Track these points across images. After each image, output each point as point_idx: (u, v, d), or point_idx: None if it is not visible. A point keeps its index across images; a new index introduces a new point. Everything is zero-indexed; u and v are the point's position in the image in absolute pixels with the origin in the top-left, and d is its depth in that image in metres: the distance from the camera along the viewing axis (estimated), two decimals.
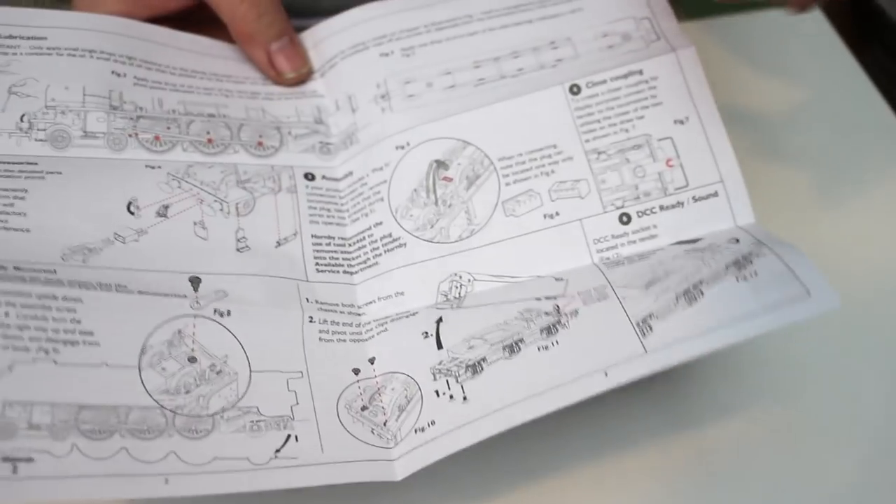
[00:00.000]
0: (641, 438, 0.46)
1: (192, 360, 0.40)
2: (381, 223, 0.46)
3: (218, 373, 0.41)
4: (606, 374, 0.39)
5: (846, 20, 0.75)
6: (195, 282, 0.42)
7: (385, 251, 0.46)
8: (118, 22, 0.47)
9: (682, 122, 0.46)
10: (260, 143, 0.48)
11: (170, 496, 0.37)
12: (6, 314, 0.38)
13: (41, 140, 0.44)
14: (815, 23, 0.65)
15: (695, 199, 0.45)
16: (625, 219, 0.45)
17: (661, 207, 0.45)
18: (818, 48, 0.64)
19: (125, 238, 0.43)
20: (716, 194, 0.45)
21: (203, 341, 0.41)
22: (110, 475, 0.37)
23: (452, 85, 0.48)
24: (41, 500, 0.36)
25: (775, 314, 0.39)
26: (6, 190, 0.42)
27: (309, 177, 0.48)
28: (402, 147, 0.47)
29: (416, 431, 0.41)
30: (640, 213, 0.45)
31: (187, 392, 0.40)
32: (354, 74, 0.49)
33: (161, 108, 0.47)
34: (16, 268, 0.40)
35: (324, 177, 0.48)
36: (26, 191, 0.42)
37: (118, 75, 0.46)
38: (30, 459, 0.36)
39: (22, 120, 0.44)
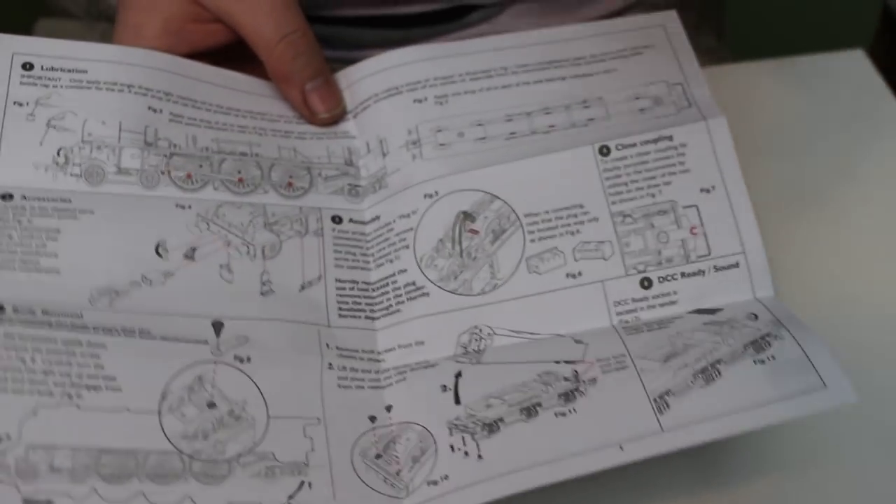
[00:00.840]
0: (673, 492, 0.46)
1: (212, 405, 0.41)
2: (405, 270, 0.47)
3: (236, 418, 0.41)
4: (622, 449, 0.40)
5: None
6: (217, 327, 0.43)
7: (408, 299, 0.46)
8: (158, 57, 0.48)
9: (708, 191, 0.46)
10: (290, 184, 0.48)
11: None
12: (32, 360, 0.39)
13: (76, 175, 0.45)
14: (861, 67, 0.64)
15: (716, 269, 0.45)
16: (646, 283, 0.45)
17: (683, 274, 0.46)
18: (862, 93, 0.63)
19: (152, 281, 0.44)
20: (737, 265, 0.45)
21: (223, 387, 0.42)
22: None
23: (483, 137, 0.48)
24: None
25: (791, 404, 0.39)
26: (40, 230, 0.43)
27: (336, 219, 0.48)
28: (431, 196, 0.47)
29: (428, 484, 0.41)
30: (661, 279, 0.46)
31: (205, 437, 0.40)
32: (387, 118, 0.50)
33: (195, 145, 0.47)
34: (44, 312, 0.41)
35: (351, 220, 0.49)
36: (59, 231, 0.43)
37: (154, 111, 0.47)
38: (50, 502, 0.37)
39: (58, 154, 0.45)
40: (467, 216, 0.47)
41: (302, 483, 0.41)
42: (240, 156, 0.48)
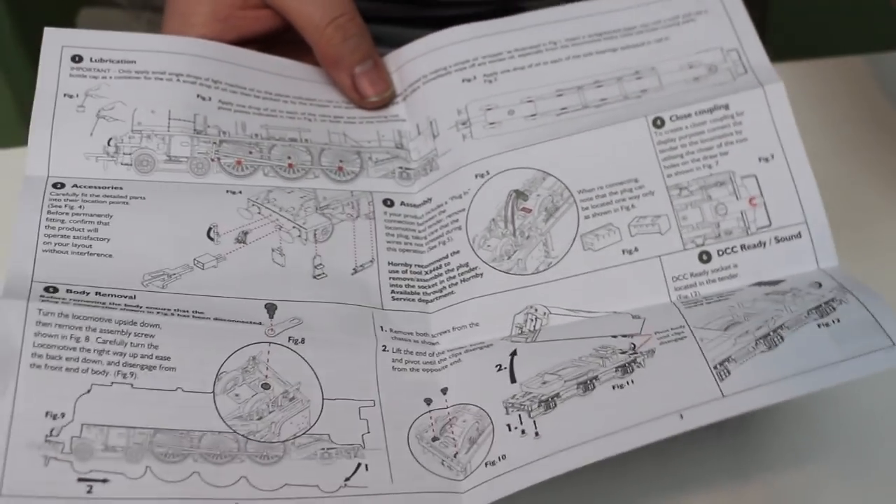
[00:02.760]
0: (712, 481, 0.45)
1: (266, 386, 0.41)
2: (458, 252, 0.46)
3: (291, 400, 0.41)
4: (682, 417, 0.38)
5: None
6: (271, 309, 0.43)
7: (461, 280, 0.46)
8: (205, 45, 0.48)
9: (767, 160, 0.45)
10: (340, 168, 0.48)
11: None
12: (87, 338, 0.39)
13: (127, 164, 0.45)
14: None
15: (777, 240, 0.44)
16: (705, 257, 0.44)
17: (743, 247, 0.44)
18: None
19: (204, 264, 0.44)
20: (799, 235, 0.44)
21: (277, 368, 0.41)
22: (182, 498, 0.37)
23: (534, 114, 0.48)
24: None
25: (857, 363, 0.38)
26: (92, 215, 0.43)
27: (388, 203, 0.48)
28: (482, 175, 0.47)
29: (486, 465, 0.41)
30: (720, 252, 0.44)
31: (259, 418, 0.40)
32: (436, 99, 0.49)
33: (244, 132, 0.47)
34: (97, 293, 0.41)
35: (402, 203, 0.48)
36: (111, 216, 0.43)
37: (203, 99, 0.47)
38: (105, 481, 0.37)
39: (109, 144, 0.45)
40: (519, 195, 0.46)
41: (359, 465, 0.40)
42: (289, 141, 0.48)
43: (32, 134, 0.45)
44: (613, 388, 0.41)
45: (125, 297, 0.41)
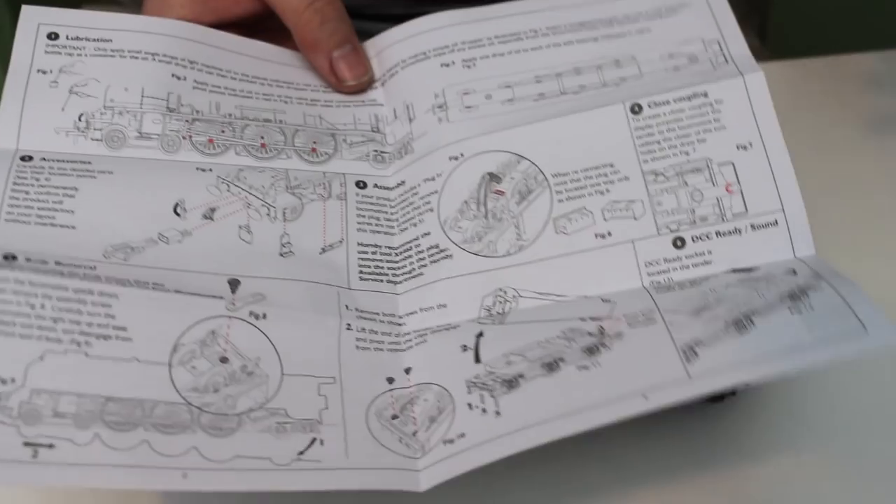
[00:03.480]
0: (677, 473, 0.44)
1: (224, 360, 0.40)
2: (428, 233, 0.46)
3: (249, 374, 0.40)
4: (646, 397, 0.37)
5: None
6: (234, 284, 0.42)
7: (431, 262, 0.45)
8: (182, 26, 0.48)
9: (745, 148, 0.44)
10: (314, 150, 0.47)
11: (187, 490, 0.37)
12: (42, 306, 0.38)
13: (97, 140, 0.45)
14: None
15: (753, 227, 0.43)
16: (679, 243, 0.43)
17: (718, 234, 0.43)
18: None
19: (169, 239, 0.43)
20: (775, 223, 0.43)
21: (236, 342, 0.41)
22: (129, 465, 0.36)
23: (511, 98, 0.47)
24: (57, 485, 0.36)
25: (828, 348, 0.37)
26: (57, 188, 0.43)
27: (360, 185, 0.47)
28: (456, 158, 0.46)
29: (444, 443, 0.40)
30: (694, 238, 0.44)
31: (216, 391, 0.39)
32: (413, 84, 0.49)
33: (218, 112, 0.47)
34: (57, 262, 0.40)
35: (376, 185, 0.48)
36: (76, 189, 0.43)
37: (178, 78, 0.47)
38: (51, 446, 0.36)
39: (80, 119, 0.45)
40: (493, 177, 0.46)
41: (314, 440, 0.39)
42: (263, 122, 0.48)
43: (3, 107, 0.45)
44: (578, 368, 0.40)
45: (85, 266, 0.40)
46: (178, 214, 0.44)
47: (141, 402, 0.38)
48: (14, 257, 0.40)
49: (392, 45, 0.50)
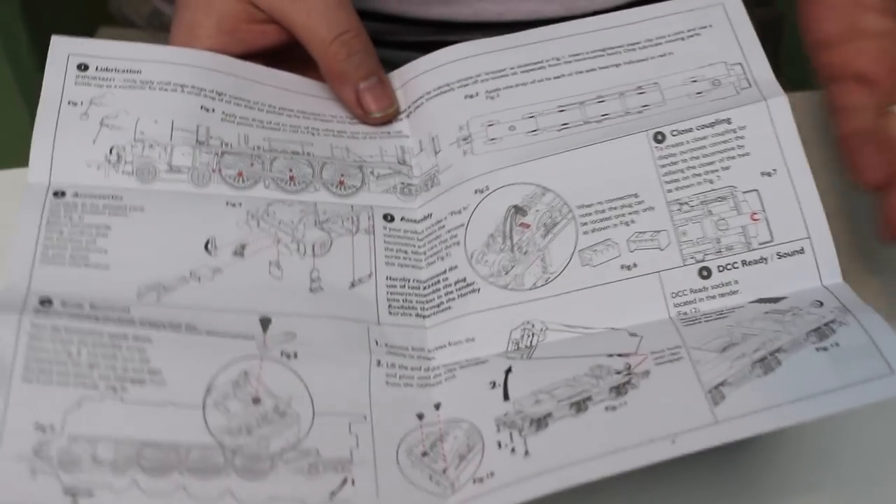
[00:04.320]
0: None
1: (257, 400, 0.41)
2: (456, 267, 0.46)
3: (281, 414, 0.41)
4: (674, 442, 0.38)
5: None
6: (265, 323, 0.43)
7: (458, 296, 0.45)
8: (211, 57, 0.48)
9: (769, 175, 0.44)
10: (341, 183, 0.48)
11: None
12: (78, 353, 0.39)
13: (128, 173, 0.45)
14: None
15: (779, 256, 0.43)
16: (705, 273, 0.44)
17: (744, 262, 0.44)
18: None
19: (200, 277, 0.43)
20: (802, 251, 0.43)
21: (268, 383, 0.41)
22: None
23: (535, 130, 0.47)
24: None
25: (855, 391, 0.37)
26: (90, 226, 0.43)
27: (388, 218, 0.48)
28: (481, 191, 0.47)
29: (474, 482, 0.40)
30: (720, 268, 0.44)
31: (249, 432, 0.40)
32: (439, 116, 0.49)
33: (247, 144, 0.47)
34: (91, 306, 0.41)
35: (403, 218, 0.48)
36: (109, 227, 0.43)
37: (207, 110, 0.47)
38: (90, 494, 0.37)
39: (111, 153, 0.45)
40: (518, 210, 0.46)
41: (345, 480, 0.40)
42: (291, 154, 0.48)
43: (35, 141, 0.45)
44: (606, 409, 0.40)
45: (119, 310, 0.41)
46: (208, 252, 0.44)
47: (176, 446, 0.39)
48: (50, 302, 0.40)
49: (417, 76, 0.50)
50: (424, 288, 0.46)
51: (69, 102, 0.46)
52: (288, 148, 0.48)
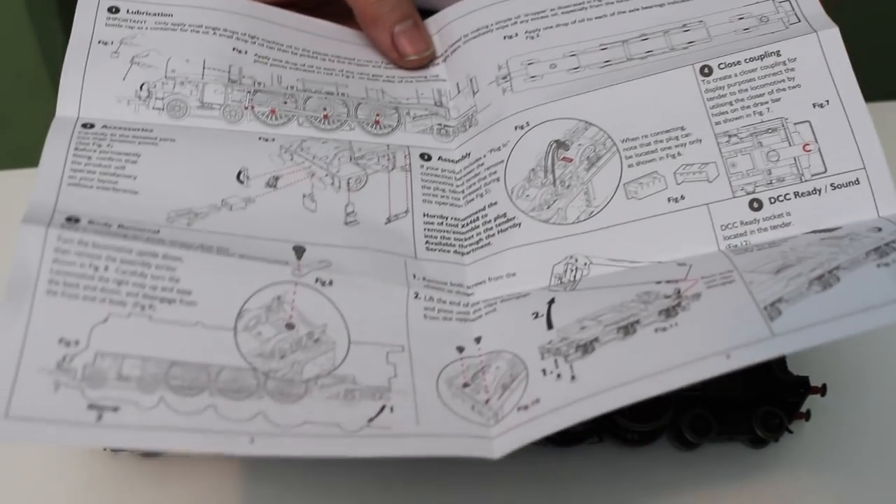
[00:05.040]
0: None
1: (290, 326, 0.39)
2: (495, 203, 0.44)
3: (315, 341, 0.39)
4: (728, 357, 0.36)
5: None
6: (299, 250, 0.41)
7: (498, 231, 0.44)
8: (242, 3, 0.48)
9: (821, 106, 0.43)
10: (377, 122, 0.47)
11: (254, 455, 0.36)
12: (105, 268, 0.38)
13: (158, 109, 0.44)
14: None
15: (833, 187, 0.42)
16: (755, 205, 0.42)
17: (797, 194, 0.42)
18: None
19: (232, 205, 0.42)
20: (857, 182, 0.41)
21: (302, 309, 0.40)
22: (195, 430, 0.36)
23: (577, 67, 0.46)
24: (121, 447, 0.35)
25: None
26: (119, 154, 0.42)
27: (425, 157, 0.46)
28: (522, 127, 0.45)
29: (518, 409, 0.38)
30: (772, 200, 0.42)
31: (282, 357, 0.38)
32: (476, 56, 0.48)
33: (280, 84, 0.46)
34: (120, 226, 0.40)
35: (440, 157, 0.47)
36: (139, 155, 0.42)
37: (239, 52, 0.47)
38: (115, 409, 0.35)
39: (141, 88, 0.45)
40: (560, 145, 0.44)
41: (383, 407, 0.38)
42: (326, 94, 0.47)
43: (64, 77, 0.44)
44: (656, 330, 0.38)
45: (148, 230, 0.40)
46: (241, 182, 0.43)
47: (206, 366, 0.37)
48: (77, 220, 0.39)
49: (453, 20, 0.50)
50: (463, 226, 0.45)
51: (99, 42, 0.45)
52: (322, 89, 0.47)
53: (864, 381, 0.48)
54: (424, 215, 0.45)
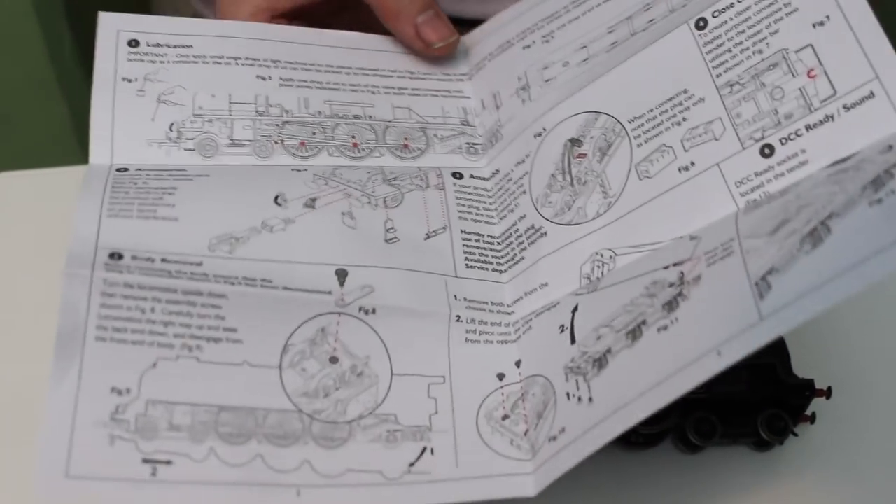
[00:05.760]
0: None
1: (334, 360, 0.40)
2: (524, 216, 0.45)
3: (359, 375, 0.40)
4: (720, 354, 0.35)
5: None
6: (341, 275, 0.42)
7: (529, 244, 0.44)
8: (260, 28, 0.49)
9: (822, 24, 0.40)
10: (406, 146, 0.48)
11: None
12: (152, 310, 0.38)
13: (189, 150, 0.45)
14: None
15: (846, 108, 0.39)
16: (766, 151, 0.40)
17: (808, 127, 0.39)
18: None
19: (273, 227, 0.42)
20: (871, 95, 0.38)
21: (346, 340, 0.40)
22: (245, 483, 0.36)
23: (586, 58, 0.46)
24: None
25: None
26: (156, 188, 0.42)
27: (457, 175, 0.47)
28: (539, 134, 0.46)
29: (549, 441, 0.38)
30: (783, 141, 0.40)
31: (326, 395, 0.39)
32: (499, 72, 0.49)
33: (307, 109, 0.47)
34: (163, 260, 0.40)
35: (472, 175, 0.47)
36: (175, 188, 0.43)
37: (263, 79, 0.47)
38: (169, 462, 0.36)
39: (171, 129, 0.45)
40: (574, 142, 0.45)
41: (424, 449, 0.39)
42: (353, 119, 0.47)
43: (93, 120, 0.44)
44: (658, 330, 0.37)
45: (192, 263, 0.40)
46: (278, 204, 0.43)
47: (253, 410, 0.38)
48: (120, 256, 0.39)
49: (481, 40, 0.51)
50: (499, 243, 0.45)
51: (123, 79, 0.45)
52: (349, 112, 0.48)
53: (869, 383, 0.47)
54: (462, 232, 0.45)
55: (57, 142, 0.93)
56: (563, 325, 0.41)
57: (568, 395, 0.39)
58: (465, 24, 0.53)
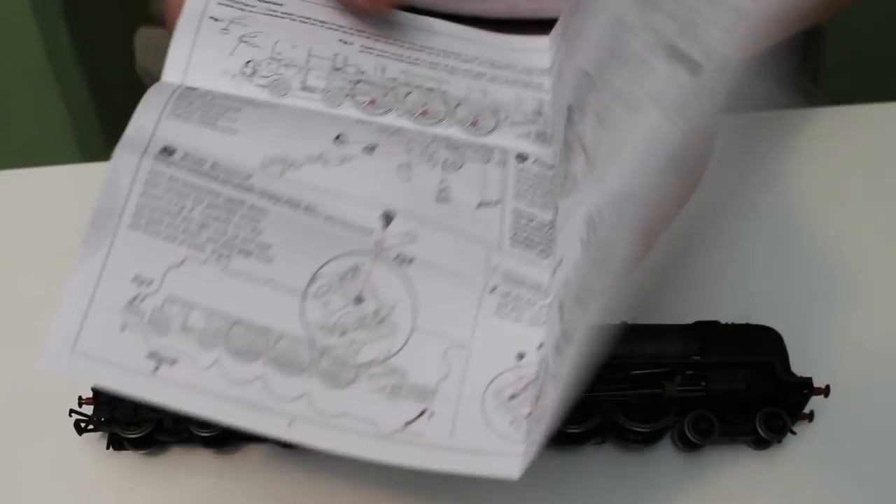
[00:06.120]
0: None
1: (359, 300, 0.39)
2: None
3: (380, 321, 0.39)
4: None
5: None
6: (387, 217, 0.41)
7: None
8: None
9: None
10: (475, 123, 0.47)
11: (286, 439, 0.36)
12: (191, 209, 0.38)
13: (261, 86, 0.45)
14: None
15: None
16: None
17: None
18: None
19: (329, 160, 0.42)
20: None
21: (376, 283, 0.39)
22: (239, 402, 0.36)
23: None
24: (167, 405, 0.35)
25: None
26: (221, 105, 0.42)
27: (521, 157, 0.46)
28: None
29: (536, 424, 0.37)
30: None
31: (342, 334, 0.38)
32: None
33: (383, 75, 0.47)
34: (213, 165, 0.40)
35: (536, 161, 0.46)
36: (240, 108, 0.43)
37: (345, 43, 0.47)
38: (173, 361, 0.36)
39: (247, 65, 0.45)
40: (569, 109, 0.44)
41: (423, 411, 0.38)
42: (427, 90, 0.47)
43: (173, 45, 0.45)
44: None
45: (241, 174, 0.40)
46: (338, 143, 0.43)
47: (267, 331, 0.37)
48: (172, 151, 0.39)
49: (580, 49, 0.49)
50: (548, 230, 0.44)
51: (211, 17, 0.46)
52: (424, 84, 0.48)
53: (867, 382, 0.47)
54: (514, 210, 0.44)
55: (54, 140, 0.93)
56: (560, 304, 0.40)
57: (553, 375, 0.37)
58: (464, 21, 0.53)
